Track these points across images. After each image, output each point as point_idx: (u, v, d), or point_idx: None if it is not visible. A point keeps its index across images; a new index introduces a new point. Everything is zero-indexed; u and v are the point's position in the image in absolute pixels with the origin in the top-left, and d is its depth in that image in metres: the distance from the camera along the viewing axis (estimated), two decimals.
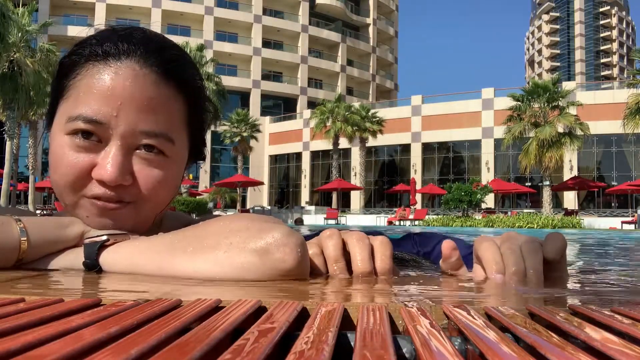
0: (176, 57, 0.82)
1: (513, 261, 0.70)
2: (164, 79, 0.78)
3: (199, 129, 0.88)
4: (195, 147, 0.89)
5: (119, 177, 0.75)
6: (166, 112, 0.78)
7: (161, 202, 0.83)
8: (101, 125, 0.75)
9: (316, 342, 0.30)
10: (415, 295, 0.53)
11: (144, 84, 0.76)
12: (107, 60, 0.76)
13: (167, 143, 0.78)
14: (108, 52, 0.77)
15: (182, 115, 0.82)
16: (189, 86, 0.83)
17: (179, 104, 0.81)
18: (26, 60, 21.18)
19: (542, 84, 25.17)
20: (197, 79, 0.86)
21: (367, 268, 0.69)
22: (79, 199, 0.78)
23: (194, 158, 0.91)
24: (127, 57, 0.77)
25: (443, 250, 0.77)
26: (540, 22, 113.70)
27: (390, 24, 56.23)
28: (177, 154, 0.82)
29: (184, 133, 0.83)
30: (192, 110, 0.85)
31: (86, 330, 0.32)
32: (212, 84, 30.03)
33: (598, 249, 8.39)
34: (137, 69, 0.76)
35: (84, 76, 0.77)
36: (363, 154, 34.63)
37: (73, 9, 43.00)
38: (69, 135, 0.76)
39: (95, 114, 0.74)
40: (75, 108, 0.75)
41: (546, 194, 26.21)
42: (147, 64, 0.77)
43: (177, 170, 0.83)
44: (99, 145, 0.76)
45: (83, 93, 0.76)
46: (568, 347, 0.29)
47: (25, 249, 0.70)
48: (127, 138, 0.76)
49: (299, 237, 0.66)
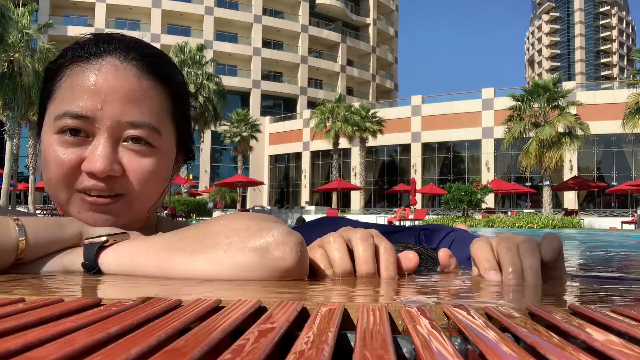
0: (156, 54, 0.86)
1: (509, 261, 0.70)
2: (145, 72, 0.82)
3: (184, 124, 0.90)
4: (183, 142, 0.91)
5: (107, 167, 0.77)
6: (149, 103, 0.81)
7: (152, 194, 0.84)
8: (87, 120, 0.77)
9: (316, 342, 0.30)
10: (415, 295, 0.53)
11: (126, 76, 0.79)
12: (89, 59, 0.80)
13: (153, 133, 0.81)
14: (90, 52, 0.80)
15: (166, 108, 0.84)
16: (171, 81, 0.86)
17: (162, 97, 0.84)
18: (26, 61, 21.18)
19: (542, 84, 25.16)
20: (178, 76, 0.89)
21: (371, 269, 0.69)
22: (71, 194, 0.79)
23: (183, 156, 0.94)
24: (108, 54, 0.80)
25: (440, 259, 0.78)
26: (540, 22, 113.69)
27: (390, 24, 56.22)
28: (164, 145, 0.84)
29: (169, 125, 0.85)
30: (176, 104, 0.87)
31: (86, 330, 0.32)
32: (212, 84, 30.03)
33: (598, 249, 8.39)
34: (119, 64, 0.80)
35: (68, 77, 0.80)
36: (363, 154, 34.63)
37: (73, 9, 42.97)
38: (58, 134, 0.78)
39: (81, 109, 0.77)
40: (61, 106, 0.79)
41: (546, 194, 26.20)
42: (127, 59, 0.81)
43: (165, 161, 0.85)
44: (86, 140, 0.79)
45: (68, 92, 0.79)
46: (568, 347, 0.29)
47: (24, 249, 0.70)
48: (113, 130, 0.78)
49: (298, 236, 0.66)
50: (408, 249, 0.85)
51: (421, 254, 0.84)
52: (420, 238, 1.14)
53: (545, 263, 0.72)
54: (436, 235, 1.12)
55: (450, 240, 1.10)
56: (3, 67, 21.29)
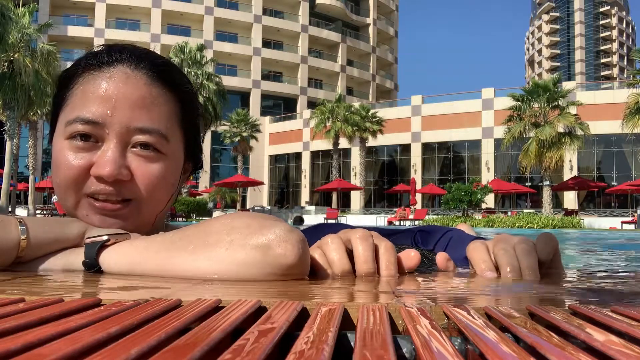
0: (165, 63, 0.88)
1: (507, 261, 0.71)
2: (155, 80, 0.84)
3: (193, 132, 0.92)
4: (191, 150, 0.92)
5: (116, 172, 0.78)
6: (159, 110, 0.83)
7: (160, 200, 0.85)
8: (97, 126, 0.79)
9: (316, 342, 0.30)
10: (415, 295, 0.53)
11: (136, 84, 0.81)
12: (101, 67, 0.83)
13: (161, 140, 0.82)
14: (102, 60, 0.83)
15: (175, 116, 0.86)
16: (180, 89, 0.88)
17: (171, 105, 0.85)
18: (26, 61, 21.18)
19: (542, 84, 25.16)
20: (187, 85, 0.91)
21: (371, 269, 0.69)
22: (80, 198, 0.81)
23: (192, 165, 0.95)
24: (120, 63, 0.83)
25: (438, 263, 0.79)
26: (540, 22, 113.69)
27: (390, 24, 56.23)
28: (173, 152, 0.85)
29: (178, 132, 0.87)
30: (185, 112, 0.89)
31: (86, 330, 0.32)
32: (212, 84, 30.02)
33: (598, 249, 8.39)
34: (129, 72, 0.82)
35: (80, 84, 0.83)
36: (363, 154, 34.63)
37: (73, 9, 42.97)
38: (68, 140, 0.80)
39: (91, 114, 0.79)
40: (72, 112, 0.81)
41: (546, 194, 26.21)
42: (138, 68, 0.83)
43: (173, 167, 0.86)
44: (96, 145, 0.80)
45: (79, 98, 0.81)
46: (568, 347, 0.29)
47: (25, 248, 0.70)
48: (122, 135, 0.80)
49: (300, 234, 0.66)
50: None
51: (422, 255, 0.84)
52: (416, 240, 1.14)
53: (542, 262, 0.73)
54: (432, 237, 1.12)
55: (446, 240, 1.10)
56: (3, 67, 21.29)
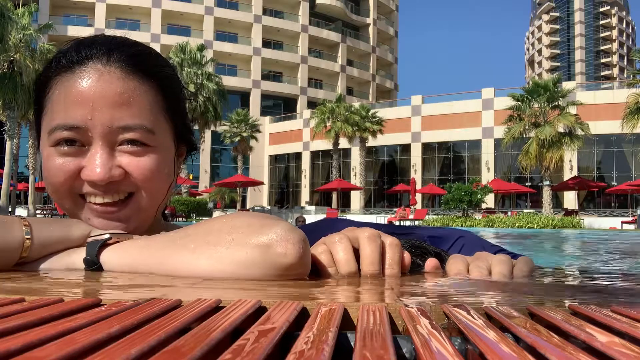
0: (139, 51, 0.84)
1: (478, 275, 0.72)
2: (130, 72, 0.80)
3: (179, 116, 0.89)
4: (181, 135, 0.90)
5: (107, 175, 0.77)
6: (139, 103, 0.80)
7: (159, 191, 0.84)
8: (80, 130, 0.78)
9: (316, 342, 0.30)
10: (415, 295, 0.53)
11: (111, 80, 0.79)
12: (73, 68, 0.80)
13: (147, 134, 0.80)
14: (72, 60, 0.80)
15: (158, 105, 0.83)
16: (159, 76, 0.85)
17: (152, 94, 0.83)
18: (26, 61, 21.19)
19: (542, 84, 25.16)
20: (165, 69, 0.88)
21: (377, 270, 0.69)
22: (77, 200, 0.81)
23: (186, 148, 0.93)
24: (91, 59, 0.80)
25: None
26: (540, 22, 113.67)
27: (390, 24, 56.23)
28: (161, 142, 0.83)
29: (164, 122, 0.84)
30: (168, 99, 0.86)
31: (86, 330, 0.32)
32: (212, 83, 30.03)
33: (598, 249, 8.40)
34: (102, 69, 0.79)
35: (55, 89, 0.80)
36: (363, 154, 34.63)
37: (73, 9, 42.97)
38: (54, 147, 0.79)
39: (72, 120, 0.77)
40: (52, 120, 0.79)
41: (546, 194, 26.20)
42: (110, 62, 0.80)
43: (166, 157, 0.84)
44: (83, 149, 0.79)
45: (57, 104, 0.79)
46: (568, 347, 0.29)
47: (29, 248, 0.71)
48: (106, 136, 0.78)
49: (301, 233, 0.66)
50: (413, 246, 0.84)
51: (427, 253, 0.84)
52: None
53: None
54: (445, 242, 1.10)
55: (460, 245, 1.09)
56: (3, 68, 21.30)
